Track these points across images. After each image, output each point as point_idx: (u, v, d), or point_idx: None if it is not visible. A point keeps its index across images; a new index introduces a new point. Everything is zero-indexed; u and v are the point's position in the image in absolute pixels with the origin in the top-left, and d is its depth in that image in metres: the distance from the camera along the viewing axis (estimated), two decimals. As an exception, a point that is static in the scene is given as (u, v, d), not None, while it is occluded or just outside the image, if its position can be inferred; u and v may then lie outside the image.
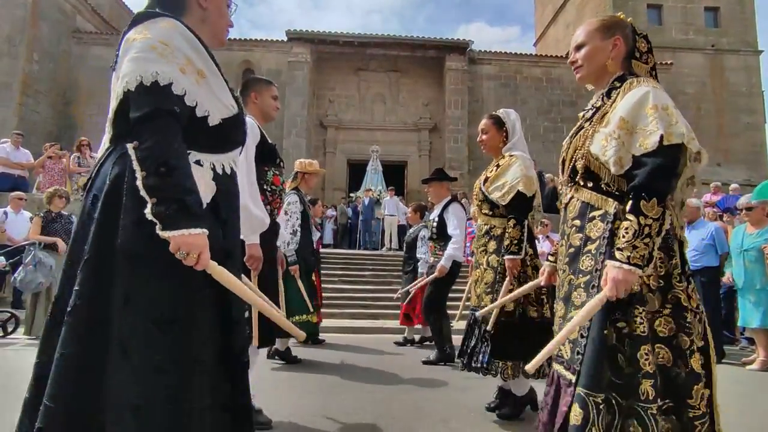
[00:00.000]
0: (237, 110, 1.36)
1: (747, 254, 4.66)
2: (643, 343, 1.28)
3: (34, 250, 5.03)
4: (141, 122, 1.13)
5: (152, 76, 1.15)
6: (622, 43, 1.52)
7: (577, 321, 1.29)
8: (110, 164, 1.23)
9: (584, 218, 1.47)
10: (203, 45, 1.32)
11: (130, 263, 1.13)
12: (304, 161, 4.28)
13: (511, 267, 2.49)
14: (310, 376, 3.61)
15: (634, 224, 1.27)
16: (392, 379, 3.59)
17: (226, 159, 1.35)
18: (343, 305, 7.64)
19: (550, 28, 21.95)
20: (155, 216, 1.09)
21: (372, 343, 5.42)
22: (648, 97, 1.36)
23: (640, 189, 1.29)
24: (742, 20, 17.10)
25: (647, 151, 1.30)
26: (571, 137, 1.56)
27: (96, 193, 1.23)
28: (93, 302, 1.13)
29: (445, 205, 4.22)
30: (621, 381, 1.27)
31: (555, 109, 16.37)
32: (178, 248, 1.10)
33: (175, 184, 1.11)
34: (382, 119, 16.48)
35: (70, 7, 15.48)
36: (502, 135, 2.72)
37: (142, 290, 1.13)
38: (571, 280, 1.47)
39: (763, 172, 15.37)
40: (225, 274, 1.18)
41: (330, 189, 15.73)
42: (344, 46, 15.60)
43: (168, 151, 1.13)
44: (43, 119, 14.46)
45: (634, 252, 1.26)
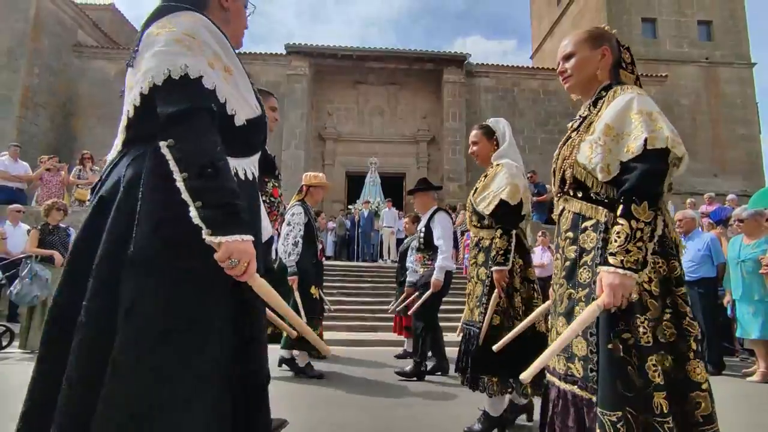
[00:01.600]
0: (261, 112, 1.28)
1: (744, 265, 4.67)
2: (650, 353, 1.25)
3: (31, 263, 5.01)
4: (176, 119, 1.03)
5: (181, 69, 1.05)
6: (610, 53, 1.54)
7: (572, 330, 1.25)
8: (123, 167, 1.13)
9: (577, 229, 1.45)
10: (228, 41, 1.23)
11: (139, 271, 1.03)
12: (309, 174, 4.26)
13: (498, 279, 2.42)
14: (308, 389, 3.57)
15: (626, 228, 1.25)
16: (391, 392, 3.56)
17: (247, 164, 1.25)
18: (342, 317, 7.60)
19: (547, 41, 22.22)
20: (203, 220, 0.99)
21: (370, 355, 5.38)
22: (632, 103, 1.36)
23: (631, 193, 1.28)
24: (735, 33, 17.35)
25: (634, 155, 1.30)
26: (560, 148, 1.57)
27: (105, 196, 1.13)
28: (102, 319, 1.04)
29: (431, 215, 4.18)
30: (632, 394, 1.23)
31: (552, 121, 16.51)
32: (229, 255, 1.00)
33: (224, 186, 1.03)
34: (381, 131, 16.58)
35: (70, 21, 15.64)
36: (493, 144, 2.68)
37: (148, 299, 1.03)
38: (571, 295, 1.43)
39: (759, 182, 15.46)
40: (266, 287, 1.10)
41: (329, 201, 15.74)
42: (343, 59, 15.75)
43: (211, 150, 1.04)
44: (42, 132, 14.50)
45: (627, 256, 1.24)
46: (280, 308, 1.15)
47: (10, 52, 13.85)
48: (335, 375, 4.17)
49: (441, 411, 3.07)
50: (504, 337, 1.97)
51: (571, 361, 1.38)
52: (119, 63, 15.70)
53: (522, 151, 10.51)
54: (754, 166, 16.58)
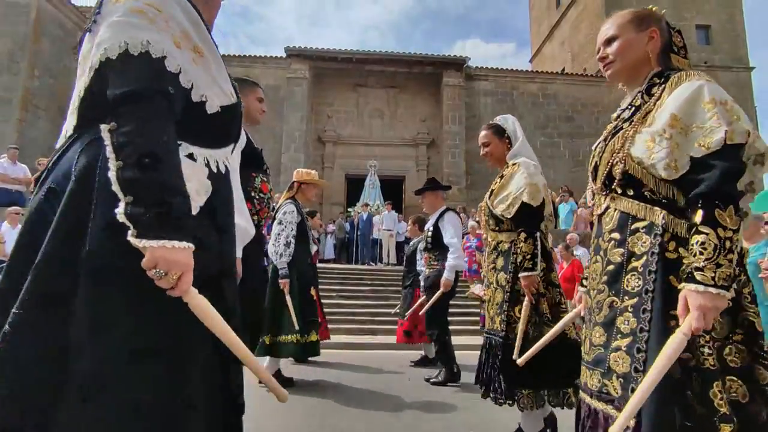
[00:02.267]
0: (236, 99, 1.15)
1: (744, 269, 4.66)
2: (715, 379, 1.07)
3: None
4: (124, 101, 0.89)
5: (142, 45, 0.91)
6: (659, 35, 1.35)
7: (661, 366, 1.03)
8: (75, 153, 0.97)
9: (625, 231, 1.27)
10: (203, 21, 1.10)
11: (101, 280, 0.88)
12: (301, 170, 4.08)
13: (527, 285, 2.25)
14: (306, 395, 3.55)
15: (713, 238, 1.06)
16: (390, 399, 3.54)
17: (220, 155, 1.12)
18: (341, 321, 7.58)
19: (546, 44, 22.29)
20: (129, 218, 0.84)
21: (370, 360, 5.35)
22: (703, 91, 1.18)
23: (712, 195, 1.09)
24: (733, 38, 17.42)
25: (710, 151, 1.11)
26: (605, 140, 1.37)
27: (53, 187, 0.97)
28: (40, 329, 0.86)
29: (440, 215, 4.11)
30: (692, 423, 1.06)
31: (551, 125, 16.55)
32: (155, 264, 0.85)
33: (161, 181, 0.87)
34: (380, 134, 16.60)
35: (71, 24, 15.67)
36: (505, 143, 2.52)
37: (116, 314, 0.88)
38: (613, 303, 1.25)
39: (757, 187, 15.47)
40: (206, 308, 0.93)
41: (328, 204, 15.75)
42: (342, 62, 15.79)
43: (155, 139, 0.89)
44: (42, 135, 14.50)
45: (718, 271, 1.05)
46: (223, 335, 0.96)
47: (10, 55, 13.87)
48: (333, 379, 4.15)
49: (441, 416, 3.06)
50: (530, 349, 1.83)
51: (607, 378, 1.21)
52: (119, 66, 15.72)
53: (521, 155, 10.24)
54: (752, 169, 16.62)
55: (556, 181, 13.68)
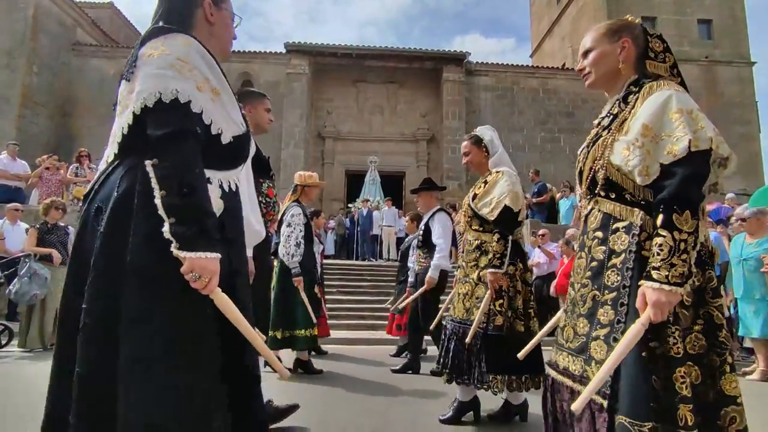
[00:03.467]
0: (245, 128, 1.37)
1: (746, 263, 4.67)
2: (678, 365, 1.20)
3: (29, 261, 5.00)
4: (163, 141, 1.13)
5: (172, 93, 1.15)
6: (631, 44, 1.44)
7: (620, 352, 1.17)
8: (118, 177, 1.21)
9: (607, 230, 1.38)
10: (215, 61, 1.32)
11: (141, 281, 1.11)
12: (303, 174, 4.28)
13: (492, 280, 2.51)
14: (306, 388, 3.57)
15: (669, 240, 1.18)
16: (389, 391, 3.55)
17: (231, 176, 1.35)
18: (342, 316, 7.59)
19: (546, 40, 22.21)
20: (173, 235, 1.08)
21: (369, 354, 5.38)
22: (671, 101, 1.28)
23: (672, 201, 1.20)
24: (734, 32, 17.35)
25: (676, 158, 1.21)
26: (588, 147, 1.48)
27: (100, 205, 1.21)
28: (101, 321, 1.12)
29: (432, 215, 4.23)
30: (657, 405, 1.18)
31: (552, 120, 16.51)
32: (191, 270, 1.09)
33: (197, 205, 1.12)
34: (380, 130, 16.57)
35: (70, 20, 15.61)
36: (483, 151, 2.80)
37: (154, 308, 1.11)
38: (595, 296, 1.37)
39: (758, 182, 15.46)
40: (227, 303, 1.17)
41: (328, 200, 15.74)
42: (342, 58, 15.74)
43: (191, 172, 1.13)
44: (41, 131, 14.49)
45: (672, 270, 1.17)
46: (239, 324, 1.19)
47: (9, 52, 13.84)
48: (334, 373, 4.17)
49: (439, 408, 3.06)
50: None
51: (588, 364, 1.33)
52: (118, 62, 15.67)
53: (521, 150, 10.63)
54: (753, 165, 16.59)
55: (557, 176, 13.66)
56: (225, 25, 1.44)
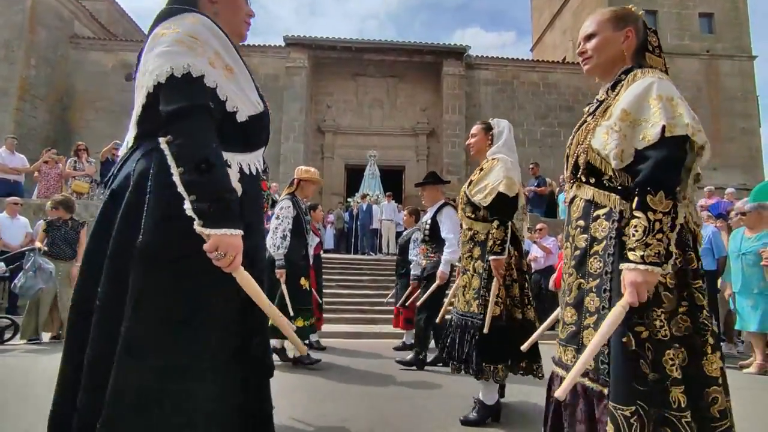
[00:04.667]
0: (264, 108, 1.32)
1: (745, 258, 4.67)
2: (667, 347, 1.21)
3: (34, 256, 5.00)
4: (175, 116, 1.09)
5: (183, 68, 1.11)
6: (634, 35, 1.45)
7: (602, 334, 1.18)
8: (134, 161, 1.19)
9: (588, 218, 1.40)
10: (229, 39, 1.28)
11: (146, 262, 1.09)
12: (302, 168, 4.29)
13: (496, 267, 2.51)
14: (307, 381, 3.58)
15: (643, 221, 1.19)
16: (389, 385, 3.57)
17: (251, 159, 1.31)
18: (341, 310, 7.61)
19: (547, 33, 22.08)
20: (196, 213, 1.04)
21: (370, 348, 5.39)
22: (652, 88, 1.29)
23: (645, 183, 1.21)
24: (736, 26, 17.25)
25: (650, 143, 1.23)
26: (574, 133, 1.51)
27: (117, 190, 1.19)
28: (113, 306, 1.11)
29: (438, 209, 4.21)
30: (645, 388, 1.19)
31: (552, 114, 16.45)
32: (216, 247, 1.06)
33: (217, 180, 1.08)
34: (380, 124, 16.52)
35: (68, 13, 15.50)
36: (488, 139, 2.79)
37: (155, 290, 1.09)
38: (581, 284, 1.39)
39: (759, 176, 15.45)
40: (250, 281, 1.14)
41: (328, 194, 15.72)
42: (342, 51, 15.66)
43: (207, 147, 1.09)
44: (40, 124, 14.44)
45: (647, 250, 1.17)
46: (261, 303, 1.17)
47: (6, 44, 13.76)
48: (335, 367, 4.18)
49: (440, 402, 3.08)
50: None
51: (580, 353, 1.32)
52: (117, 55, 15.59)
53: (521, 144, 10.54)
54: (753, 159, 16.56)
55: (556, 170, 13.63)
56: (233, 5, 1.38)
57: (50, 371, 1.28)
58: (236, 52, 1.29)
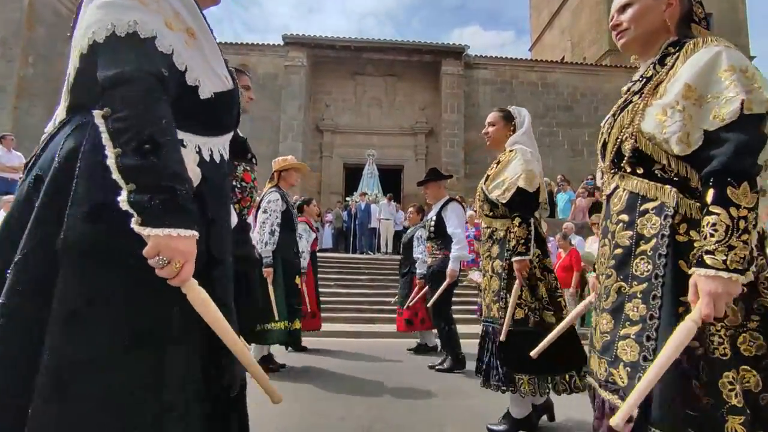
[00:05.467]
0: (232, 85, 1.11)
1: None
2: (725, 369, 1.02)
3: None
4: (115, 84, 0.85)
5: (129, 26, 0.88)
6: (678, 1, 1.25)
7: (668, 354, 0.98)
8: (62, 137, 0.95)
9: (634, 212, 1.19)
10: (195, 2, 1.06)
11: (78, 267, 0.85)
12: (278, 159, 4.06)
13: (519, 269, 2.28)
14: (305, 382, 3.58)
15: (725, 218, 0.99)
16: (388, 385, 3.56)
17: (215, 143, 1.08)
18: (339, 309, 7.61)
19: (546, 33, 22.11)
20: (132, 205, 0.81)
21: (368, 348, 5.39)
22: (721, 58, 1.09)
23: (724, 172, 1.01)
24: (735, 26, 17.31)
25: (725, 123, 1.03)
26: (613, 115, 1.29)
27: (39, 173, 0.95)
28: (21, 318, 0.85)
29: (443, 205, 4.15)
30: (697, 413, 1.01)
31: (551, 114, 16.47)
32: (158, 252, 0.83)
33: (163, 166, 0.84)
34: (379, 123, 16.52)
35: (66, 11, 15.44)
36: (509, 129, 2.55)
37: (93, 303, 0.85)
38: (621, 288, 1.19)
39: (757, 177, 15.51)
40: (202, 298, 0.89)
41: (326, 193, 15.72)
42: (341, 50, 15.64)
43: (155, 125, 0.85)
44: (38, 122, 14.37)
45: (731, 254, 0.97)
46: (218, 328, 0.92)
47: (4, 42, 13.70)
48: (332, 367, 4.18)
49: (440, 403, 3.08)
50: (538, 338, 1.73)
51: (614, 366, 1.15)
52: (115, 53, 15.55)
53: (520, 144, 10.17)
54: (751, 159, 16.65)
55: (555, 170, 13.65)
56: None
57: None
58: (201, 14, 1.06)
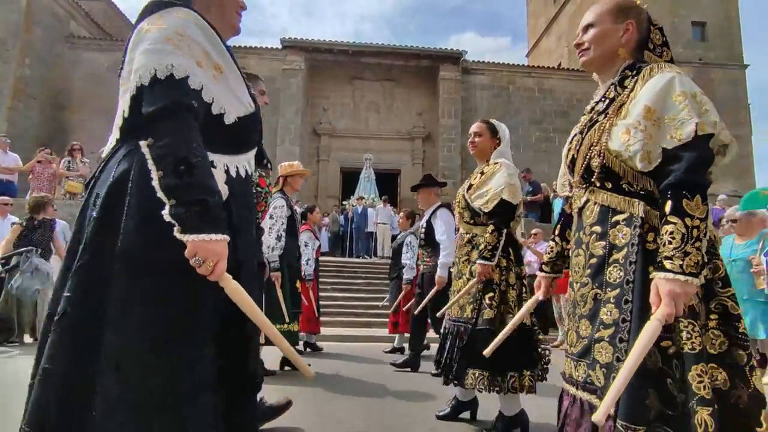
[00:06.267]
0: (254, 108, 1.29)
1: (735, 264, 4.72)
2: (694, 362, 1.10)
3: (31, 257, 4.97)
4: (156, 118, 1.06)
5: (167, 68, 1.07)
6: (635, 29, 1.37)
7: (638, 353, 1.05)
8: (116, 162, 1.14)
9: (606, 224, 1.29)
10: (219, 37, 1.24)
11: (129, 271, 1.04)
12: (285, 164, 4.18)
13: (480, 272, 2.42)
14: (303, 385, 3.57)
15: (681, 227, 1.10)
16: (383, 388, 3.57)
17: (240, 161, 1.26)
18: (336, 313, 7.61)
19: (543, 39, 22.26)
20: (174, 217, 1.01)
21: (363, 351, 5.40)
22: (674, 83, 1.21)
23: (681, 186, 1.12)
24: (728, 35, 17.47)
25: (682, 142, 1.14)
26: (581, 133, 1.39)
27: (98, 191, 1.14)
28: (84, 312, 1.04)
29: (433, 211, 4.20)
30: (674, 412, 1.08)
31: (547, 120, 16.57)
32: (195, 254, 1.01)
33: (196, 183, 1.03)
34: (376, 128, 16.56)
35: (63, 12, 15.44)
36: (495, 142, 2.70)
37: (140, 302, 1.04)
38: (597, 295, 1.28)
39: (750, 184, 15.62)
40: (237, 288, 1.08)
41: (323, 197, 15.73)
42: (339, 54, 15.70)
43: (187, 149, 1.04)
44: (34, 124, 14.34)
45: (687, 259, 1.08)
46: (253, 314, 1.10)
47: (1, 43, 13.68)
48: (329, 370, 4.18)
49: (434, 405, 3.08)
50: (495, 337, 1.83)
51: (592, 369, 1.23)
52: (112, 55, 15.53)
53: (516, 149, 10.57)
54: (745, 167, 16.76)
55: (551, 176, 13.70)
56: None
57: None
58: (227, 50, 1.25)
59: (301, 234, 4.74)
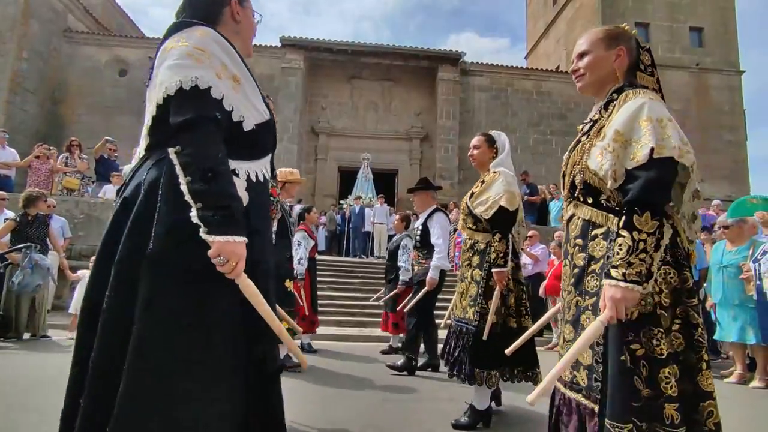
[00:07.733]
0: (269, 116, 1.39)
1: (726, 270, 4.79)
2: (662, 366, 1.23)
3: (31, 252, 4.96)
4: (183, 128, 1.15)
5: (192, 81, 1.17)
6: (626, 54, 1.48)
7: (578, 346, 1.21)
8: (145, 170, 1.24)
9: (586, 237, 1.42)
10: (236, 52, 1.34)
11: (155, 269, 1.13)
12: (284, 170, 4.30)
13: (499, 279, 2.60)
14: (297, 384, 3.60)
15: (628, 240, 1.23)
16: (380, 388, 3.60)
17: (258, 165, 1.36)
18: (332, 312, 7.62)
19: (541, 41, 22.32)
20: (201, 220, 1.10)
21: (360, 351, 5.43)
22: (643, 109, 1.33)
23: (633, 203, 1.25)
24: (725, 41, 17.59)
25: (639, 163, 1.27)
26: (569, 152, 1.53)
27: (128, 198, 1.24)
28: (120, 310, 1.14)
29: (429, 214, 4.26)
30: (639, 403, 1.22)
31: (545, 122, 16.63)
32: (219, 254, 1.10)
33: (221, 189, 1.13)
34: (374, 127, 16.56)
35: (61, 6, 15.35)
36: (492, 152, 2.86)
37: (165, 295, 1.13)
38: (578, 302, 1.42)
39: (744, 188, 15.75)
40: (251, 287, 1.17)
41: (320, 196, 15.73)
42: (338, 53, 15.69)
43: (213, 157, 1.14)
44: (30, 118, 14.26)
45: (630, 269, 1.21)
46: (262, 310, 1.20)
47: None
48: (325, 370, 4.21)
49: (430, 406, 3.12)
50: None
51: (576, 370, 1.37)
52: (110, 50, 15.47)
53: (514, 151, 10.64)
54: (739, 172, 16.89)
55: (548, 178, 13.79)
56: (248, 23, 1.48)
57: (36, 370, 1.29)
58: (243, 62, 1.35)
59: (296, 233, 4.81)
